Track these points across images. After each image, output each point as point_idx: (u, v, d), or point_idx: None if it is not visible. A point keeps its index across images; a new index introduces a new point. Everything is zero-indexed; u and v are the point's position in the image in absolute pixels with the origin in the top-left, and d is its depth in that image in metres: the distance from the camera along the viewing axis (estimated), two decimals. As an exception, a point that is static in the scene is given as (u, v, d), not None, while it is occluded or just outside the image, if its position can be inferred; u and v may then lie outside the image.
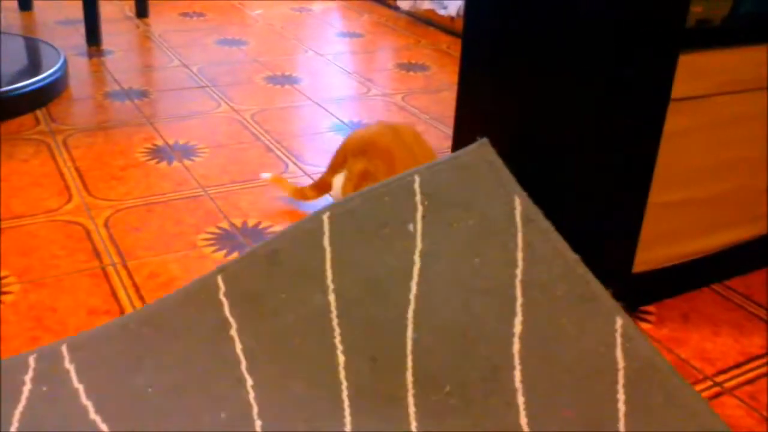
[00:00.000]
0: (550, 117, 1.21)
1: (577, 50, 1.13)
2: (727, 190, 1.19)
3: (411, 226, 1.04)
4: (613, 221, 1.13)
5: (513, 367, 0.92)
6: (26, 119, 1.77)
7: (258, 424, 0.89)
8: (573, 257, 1.01)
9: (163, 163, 1.59)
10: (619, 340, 0.94)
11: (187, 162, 1.60)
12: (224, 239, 1.32)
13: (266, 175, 1.49)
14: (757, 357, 1.10)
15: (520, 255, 1.02)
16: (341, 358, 0.94)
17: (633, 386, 0.90)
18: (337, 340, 0.96)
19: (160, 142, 1.69)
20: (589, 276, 1.00)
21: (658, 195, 1.11)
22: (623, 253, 1.14)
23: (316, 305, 0.98)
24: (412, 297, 0.98)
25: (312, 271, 1.01)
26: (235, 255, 1.27)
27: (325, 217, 1.04)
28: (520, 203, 1.05)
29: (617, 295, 1.16)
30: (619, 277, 1.15)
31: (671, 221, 1.15)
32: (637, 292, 1.19)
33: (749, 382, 1.05)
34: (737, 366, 1.08)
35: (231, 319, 0.99)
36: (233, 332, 0.98)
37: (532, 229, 1.03)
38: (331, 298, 0.99)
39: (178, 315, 1.01)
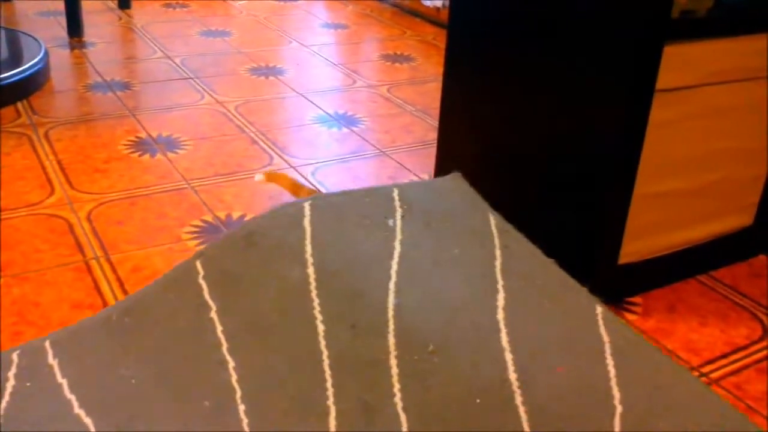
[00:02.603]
0: (536, 107, 1.20)
1: (562, 41, 1.13)
2: (713, 181, 1.19)
3: (391, 222, 1.05)
4: (599, 213, 1.13)
5: (499, 330, 0.91)
6: (7, 112, 1.75)
7: (241, 408, 0.88)
8: (548, 259, 1.04)
9: (146, 156, 1.57)
10: (600, 321, 0.95)
11: (170, 155, 1.58)
12: (208, 232, 1.31)
13: (259, 177, 1.42)
14: (743, 347, 1.10)
15: (498, 252, 1.03)
16: (321, 328, 0.93)
17: (621, 356, 0.91)
18: (317, 310, 0.94)
19: (143, 135, 1.67)
20: (565, 274, 1.02)
21: (644, 186, 1.11)
22: (609, 245, 1.14)
23: (295, 279, 0.97)
24: (393, 273, 0.97)
25: (290, 247, 1.00)
26: (219, 248, 1.26)
27: (307, 204, 1.05)
28: (493, 219, 1.09)
29: (603, 286, 1.16)
30: (606, 268, 1.15)
31: (657, 212, 1.15)
32: (624, 283, 1.19)
33: (735, 372, 1.05)
34: (723, 356, 1.08)
35: (210, 302, 0.98)
36: (213, 314, 0.97)
37: (508, 236, 1.06)
38: (310, 270, 0.98)
39: (158, 302, 1.00)
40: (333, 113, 1.86)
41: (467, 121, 1.36)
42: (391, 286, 0.96)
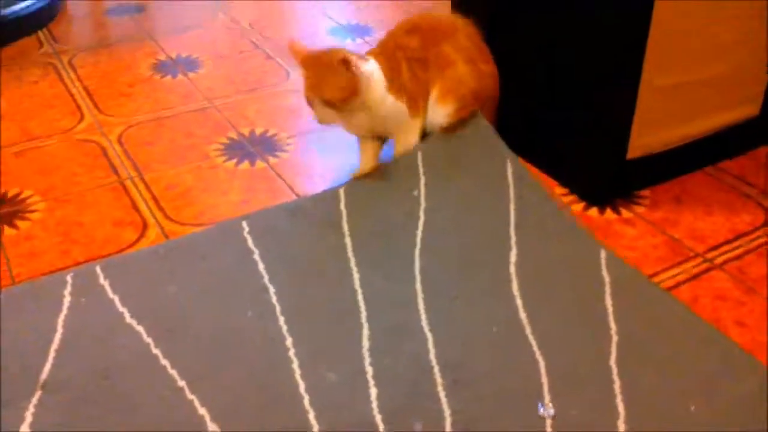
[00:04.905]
0: (541, 2, 1.23)
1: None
2: (718, 73, 1.22)
3: (416, 192, 1.20)
4: (606, 108, 1.17)
5: (510, 281, 1.04)
6: (30, 42, 1.79)
7: (282, 319, 0.97)
8: (559, 204, 1.18)
9: (168, 77, 1.62)
10: (603, 262, 1.07)
11: (191, 75, 1.63)
12: (234, 148, 1.37)
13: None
14: (746, 234, 1.16)
15: (512, 206, 1.16)
16: (356, 276, 1.05)
17: (619, 294, 1.01)
18: (352, 263, 1.07)
19: (162, 57, 1.72)
20: (574, 217, 1.15)
21: (650, 80, 1.14)
22: (617, 140, 1.18)
23: (334, 243, 1.11)
24: (418, 240, 1.11)
25: (330, 222, 1.15)
26: (245, 163, 1.32)
27: (341, 190, 1.21)
28: (511, 165, 1.22)
29: (612, 181, 1.22)
30: (614, 163, 1.20)
31: (664, 106, 1.19)
32: (632, 178, 1.24)
33: (738, 257, 1.11)
34: (727, 242, 1.14)
35: (254, 248, 1.10)
36: (256, 257, 1.08)
37: (522, 184, 1.20)
38: (347, 240, 1.12)
39: (205, 243, 1.12)
40: (345, 24, 1.88)
41: (475, 23, 1.38)
42: (416, 252, 1.09)
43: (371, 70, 1.16)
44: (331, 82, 1.13)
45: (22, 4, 1.83)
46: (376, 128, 1.23)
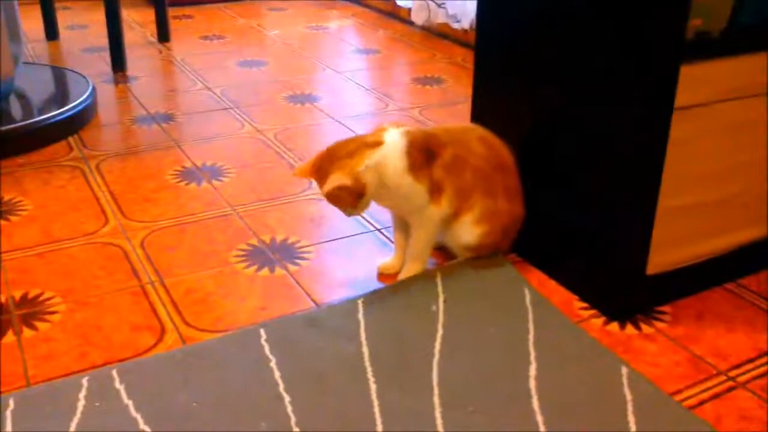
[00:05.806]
0: (561, 127, 1.26)
1: (583, 62, 1.19)
2: (735, 192, 1.23)
3: (434, 307, 1.22)
4: (625, 226, 1.18)
5: (530, 397, 1.03)
6: (60, 147, 1.85)
7: (296, 431, 0.95)
8: (579, 328, 1.18)
9: (193, 185, 1.66)
10: (625, 381, 1.06)
11: (215, 182, 1.67)
12: (255, 255, 1.38)
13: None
14: (769, 352, 1.14)
15: (531, 326, 1.17)
16: (373, 387, 1.04)
17: (642, 413, 1.00)
18: (369, 373, 1.07)
19: (188, 164, 1.76)
20: (594, 340, 1.15)
21: (668, 199, 1.16)
22: (637, 257, 1.19)
23: (350, 352, 1.11)
24: (436, 352, 1.12)
25: (347, 332, 1.16)
26: (265, 270, 1.33)
27: (360, 300, 1.22)
28: (529, 294, 1.25)
29: (632, 297, 1.22)
30: (634, 279, 1.20)
31: (682, 224, 1.20)
32: (652, 294, 1.24)
33: (762, 375, 1.09)
34: (750, 361, 1.12)
35: (271, 356, 1.10)
36: (272, 365, 1.08)
37: (541, 309, 1.22)
38: (364, 349, 1.12)
39: (221, 350, 1.12)
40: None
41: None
42: (434, 363, 1.09)
43: (380, 156, 1.21)
44: (336, 200, 1.23)
45: (56, 111, 1.89)
46: (401, 206, 1.29)
